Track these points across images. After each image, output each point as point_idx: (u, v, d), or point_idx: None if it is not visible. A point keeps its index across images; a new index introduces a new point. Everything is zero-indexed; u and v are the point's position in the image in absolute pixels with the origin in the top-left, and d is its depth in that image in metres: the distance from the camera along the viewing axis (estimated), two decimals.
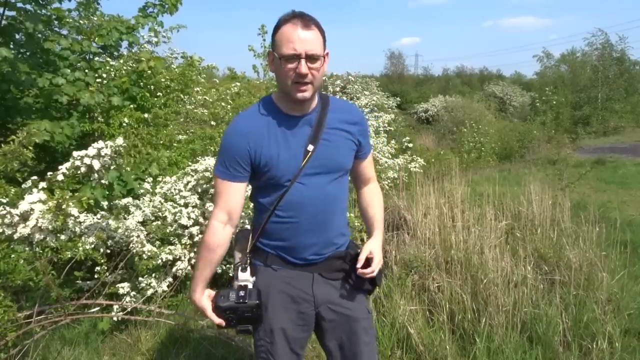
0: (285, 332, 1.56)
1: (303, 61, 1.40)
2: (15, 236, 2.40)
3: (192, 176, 3.61)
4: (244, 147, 1.50)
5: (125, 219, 3.14)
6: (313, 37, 1.42)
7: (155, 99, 4.62)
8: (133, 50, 4.79)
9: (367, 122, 1.70)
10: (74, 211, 2.59)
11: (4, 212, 2.39)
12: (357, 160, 1.68)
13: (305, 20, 1.43)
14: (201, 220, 3.38)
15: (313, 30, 1.43)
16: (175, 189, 3.58)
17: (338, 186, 1.60)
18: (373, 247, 1.57)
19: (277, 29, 1.45)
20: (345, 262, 1.62)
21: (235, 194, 1.55)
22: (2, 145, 2.76)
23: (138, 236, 2.99)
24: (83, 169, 2.84)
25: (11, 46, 4.02)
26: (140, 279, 2.99)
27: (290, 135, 1.52)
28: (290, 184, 1.50)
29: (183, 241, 3.25)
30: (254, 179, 1.56)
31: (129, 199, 3.38)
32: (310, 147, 1.51)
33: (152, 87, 4.61)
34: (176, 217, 3.31)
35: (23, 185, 2.88)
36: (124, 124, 4.07)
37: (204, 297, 1.57)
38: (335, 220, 1.61)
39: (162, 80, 4.87)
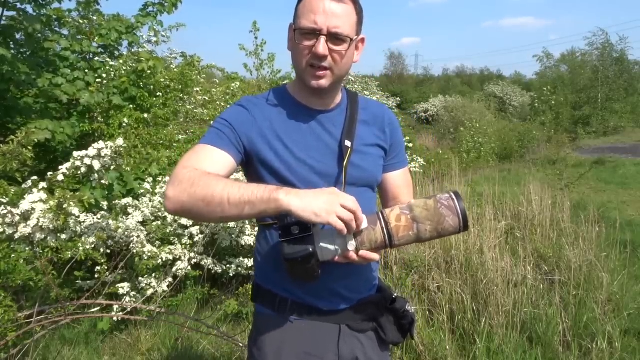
0: None
1: (323, 39, 1.11)
2: (17, 236, 2.40)
3: None
4: (247, 118, 1.19)
5: (123, 219, 3.14)
6: (343, 11, 1.12)
7: (155, 98, 4.62)
8: (133, 50, 4.79)
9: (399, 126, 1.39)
10: (75, 211, 2.59)
11: (5, 211, 2.39)
12: (387, 173, 1.34)
13: None
14: None
15: (346, 4, 1.13)
16: None
17: (369, 204, 1.24)
18: None
19: None
20: (379, 309, 1.31)
21: (211, 158, 1.12)
22: (2, 145, 2.75)
23: (138, 236, 2.99)
24: (83, 169, 2.83)
25: (11, 46, 4.03)
26: (140, 279, 2.99)
27: (310, 129, 1.22)
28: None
29: (183, 241, 3.25)
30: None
31: (129, 199, 3.38)
32: (348, 143, 1.20)
33: (152, 87, 4.61)
34: (176, 217, 3.31)
35: (23, 185, 2.88)
36: (124, 124, 4.07)
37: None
38: None
39: (162, 80, 4.87)
